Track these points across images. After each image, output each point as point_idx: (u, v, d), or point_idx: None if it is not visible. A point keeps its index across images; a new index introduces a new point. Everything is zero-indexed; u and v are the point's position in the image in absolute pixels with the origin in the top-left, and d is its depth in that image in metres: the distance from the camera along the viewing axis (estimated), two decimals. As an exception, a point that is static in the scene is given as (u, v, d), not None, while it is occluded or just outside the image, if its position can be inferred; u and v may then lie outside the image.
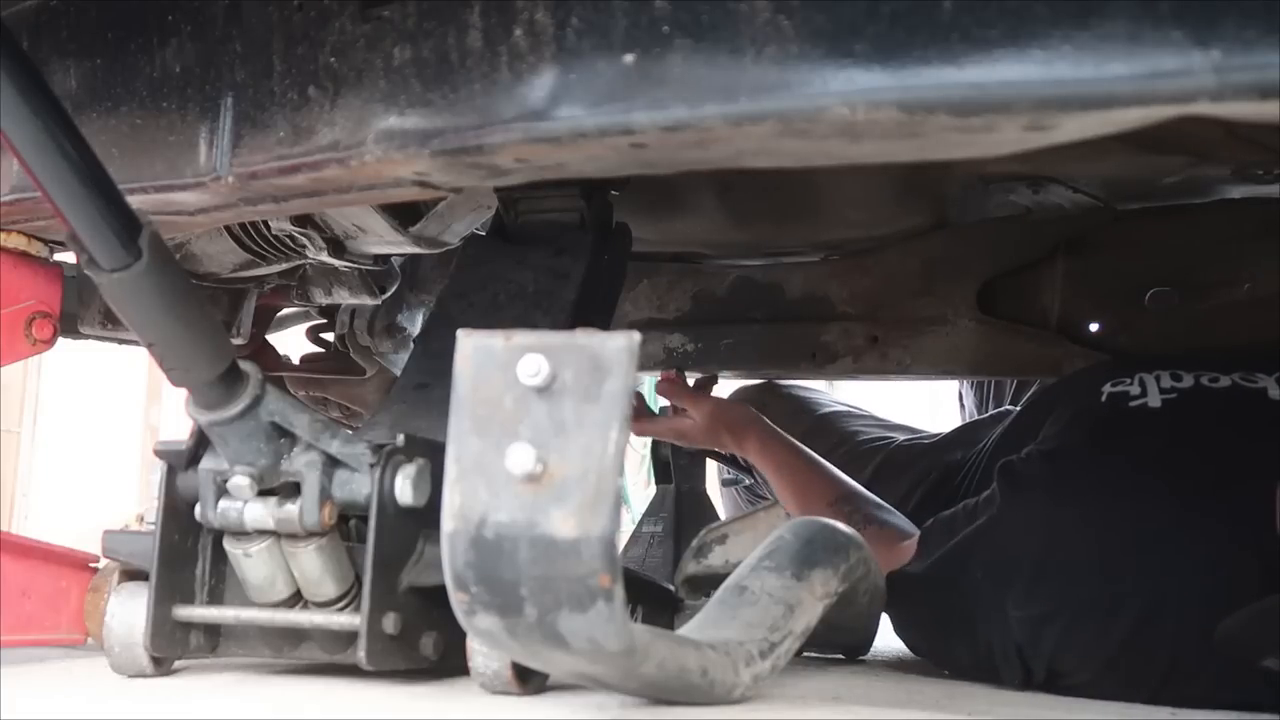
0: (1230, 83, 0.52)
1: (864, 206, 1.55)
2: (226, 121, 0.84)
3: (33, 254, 1.12)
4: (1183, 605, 0.99)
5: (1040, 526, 1.07)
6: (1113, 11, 0.54)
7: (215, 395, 0.77)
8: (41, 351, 1.13)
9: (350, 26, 0.78)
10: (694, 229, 1.62)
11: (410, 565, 0.82)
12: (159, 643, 0.84)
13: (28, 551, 1.02)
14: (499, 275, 1.16)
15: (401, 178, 0.79)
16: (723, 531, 1.14)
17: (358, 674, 0.84)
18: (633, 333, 0.59)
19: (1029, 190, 1.43)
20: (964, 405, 2.36)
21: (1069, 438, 1.17)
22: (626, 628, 0.62)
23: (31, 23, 0.95)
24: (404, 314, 1.76)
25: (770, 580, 0.90)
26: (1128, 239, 1.51)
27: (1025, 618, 1.06)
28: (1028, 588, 1.06)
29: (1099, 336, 1.54)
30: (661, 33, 0.65)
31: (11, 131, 0.66)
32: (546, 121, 0.69)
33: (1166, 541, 1.01)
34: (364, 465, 0.80)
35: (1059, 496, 1.08)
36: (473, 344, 0.61)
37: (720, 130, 0.64)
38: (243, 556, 0.83)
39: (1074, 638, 1.04)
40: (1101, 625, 1.02)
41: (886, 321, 1.65)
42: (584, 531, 0.58)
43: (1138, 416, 1.12)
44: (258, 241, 1.28)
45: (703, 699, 0.77)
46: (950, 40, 0.57)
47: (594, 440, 0.58)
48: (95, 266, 0.70)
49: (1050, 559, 1.05)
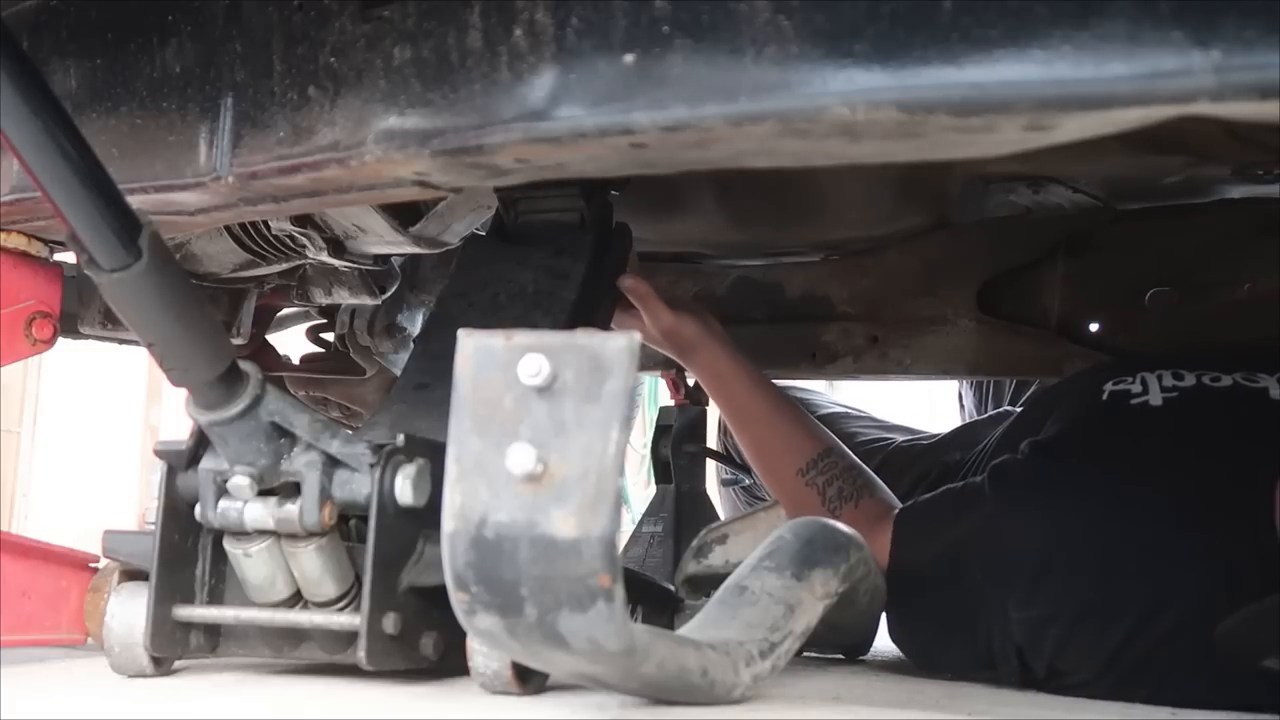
0: (1230, 83, 0.52)
1: (864, 206, 1.55)
2: (226, 121, 0.84)
3: (33, 254, 1.11)
4: (1182, 605, 0.99)
5: (1041, 526, 1.07)
6: (1113, 11, 0.54)
7: (215, 395, 0.77)
8: (41, 351, 1.13)
9: (350, 26, 0.78)
10: (694, 229, 1.62)
11: (410, 565, 0.82)
12: (159, 643, 0.84)
13: (28, 551, 1.02)
14: (499, 275, 1.16)
15: (401, 178, 0.79)
16: (723, 531, 1.13)
17: (358, 674, 0.84)
18: (633, 333, 0.59)
19: (1029, 190, 1.43)
20: (964, 405, 2.36)
21: (1069, 435, 1.17)
22: (626, 628, 0.62)
23: (31, 23, 0.95)
24: (404, 314, 1.76)
25: (770, 580, 0.90)
26: (1128, 239, 1.51)
27: (1026, 619, 1.06)
28: (1029, 589, 1.06)
29: (1099, 336, 1.54)
30: (661, 33, 0.65)
31: (11, 131, 0.65)
32: (546, 121, 0.69)
33: (1167, 540, 1.01)
34: (364, 465, 0.80)
35: (1059, 495, 1.08)
36: (473, 344, 0.61)
37: (720, 130, 0.64)
38: (243, 556, 0.83)
39: (1075, 638, 1.04)
40: (1102, 625, 1.02)
41: (886, 321, 1.65)
42: (584, 531, 0.58)
43: (1138, 414, 1.12)
44: (258, 241, 1.28)
45: (703, 699, 0.77)
46: (950, 40, 0.57)
47: (594, 440, 0.58)
48: (95, 266, 0.70)
49: (1051, 559, 1.05)
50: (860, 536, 1.02)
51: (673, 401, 1.81)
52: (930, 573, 1.14)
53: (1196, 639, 0.96)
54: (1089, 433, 1.15)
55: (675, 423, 1.73)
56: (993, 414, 2.01)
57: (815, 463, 1.32)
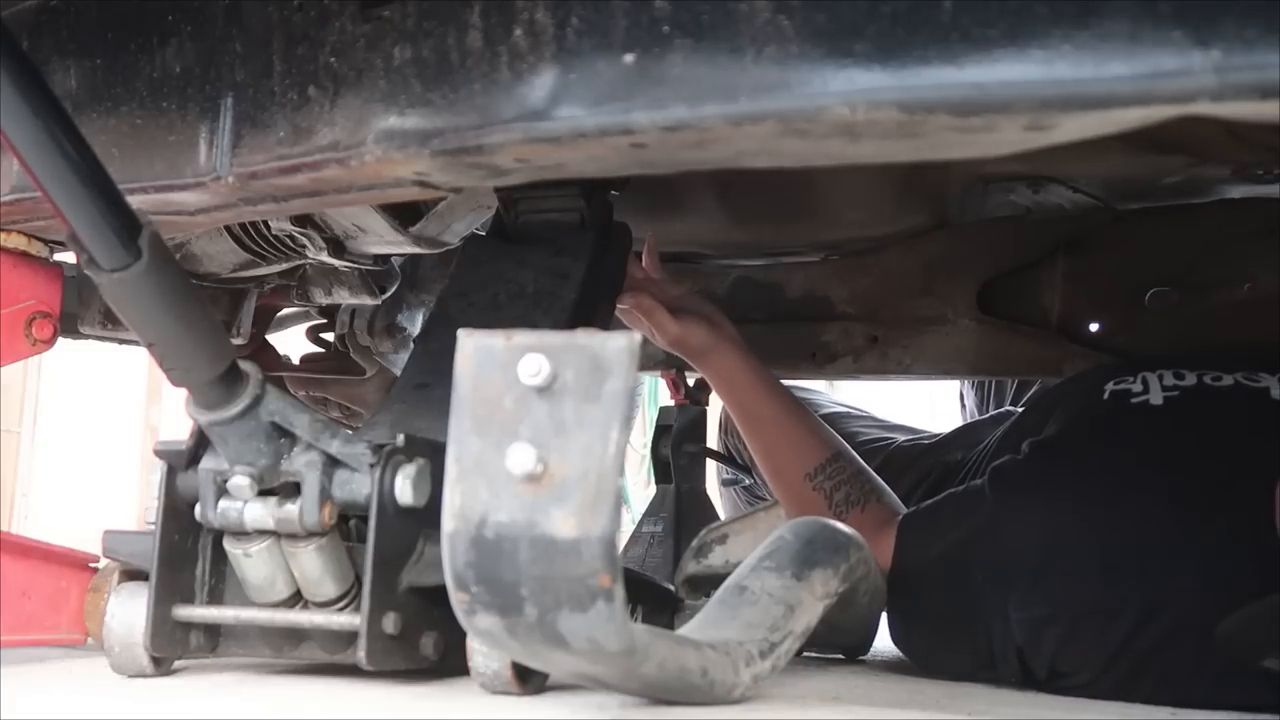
0: (1230, 83, 0.52)
1: (864, 206, 1.55)
2: (226, 121, 0.84)
3: (33, 254, 1.11)
4: (1182, 605, 0.99)
5: (1041, 526, 1.07)
6: (1113, 11, 0.54)
7: (215, 395, 0.77)
8: (41, 351, 1.13)
9: (350, 26, 0.78)
10: (694, 229, 1.62)
11: (410, 565, 0.82)
12: (159, 643, 0.84)
13: (28, 551, 1.02)
14: (499, 275, 1.16)
15: (401, 178, 0.79)
16: (723, 531, 1.14)
17: (358, 674, 0.84)
18: (633, 333, 0.59)
19: (1029, 190, 1.43)
20: (965, 405, 2.36)
21: (1069, 434, 1.17)
22: (626, 628, 0.62)
23: (31, 23, 0.95)
24: (404, 314, 1.76)
25: (770, 580, 0.90)
26: (1128, 239, 1.51)
27: (1026, 619, 1.06)
28: (1028, 589, 1.06)
29: (1099, 336, 1.54)
30: (661, 33, 0.65)
31: (11, 131, 0.65)
32: (546, 121, 0.69)
33: (1167, 540, 1.01)
34: (364, 465, 0.80)
35: (1058, 495, 1.08)
36: (473, 344, 0.61)
37: (720, 130, 0.64)
38: (243, 556, 0.83)
39: (1075, 639, 1.04)
40: (1102, 626, 1.02)
41: (886, 321, 1.65)
42: (584, 531, 0.58)
43: (1139, 413, 1.12)
44: (258, 241, 1.28)
45: (703, 699, 0.77)
46: (950, 40, 0.57)
47: (594, 440, 0.58)
48: (95, 266, 0.70)
49: (1051, 560, 1.05)
50: (861, 537, 1.02)
51: (673, 401, 1.81)
52: (931, 574, 1.14)
53: (1196, 639, 0.96)
54: (1089, 432, 1.15)
55: (675, 423, 1.73)
56: (994, 414, 2.01)
57: (824, 467, 1.31)
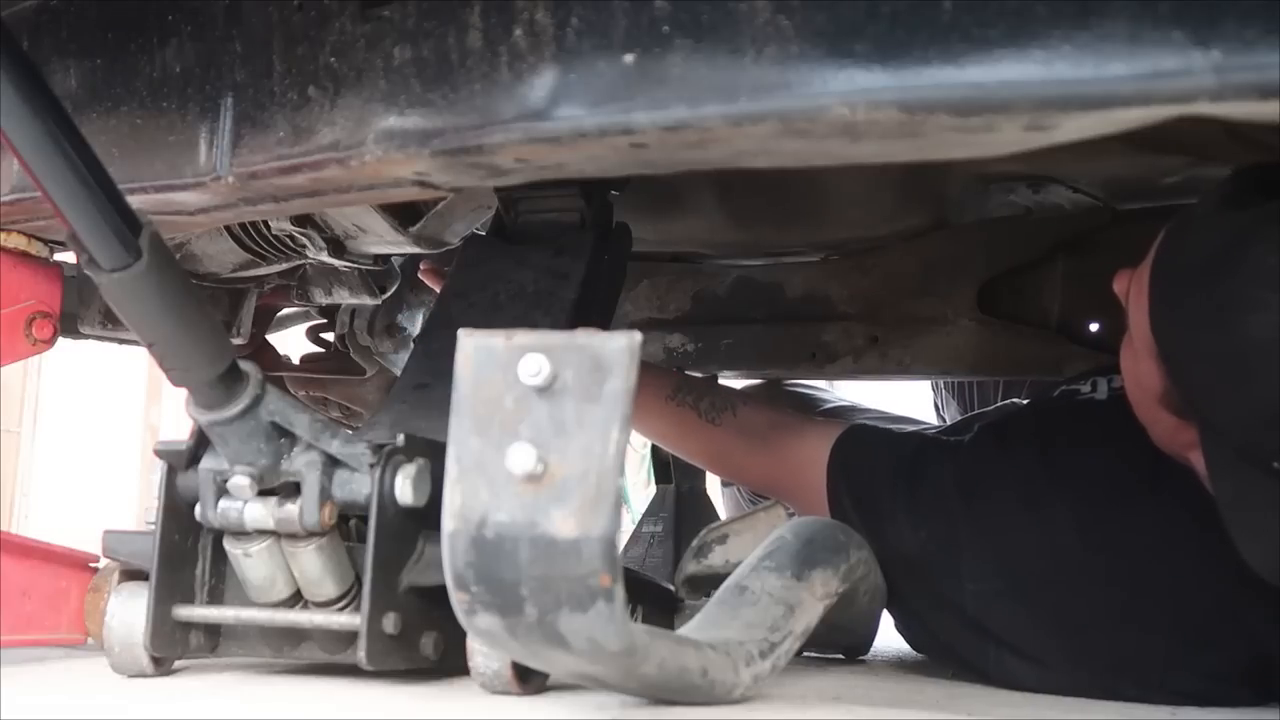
0: (1230, 83, 0.52)
1: (864, 206, 1.55)
2: (226, 121, 0.84)
3: (33, 254, 1.11)
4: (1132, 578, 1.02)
5: (980, 508, 1.10)
6: (1113, 11, 0.54)
7: (215, 395, 0.77)
8: (41, 351, 1.13)
9: (350, 26, 0.78)
10: (694, 229, 1.62)
11: (410, 565, 0.82)
12: (159, 643, 0.84)
13: (28, 551, 1.02)
14: (499, 275, 1.16)
15: (401, 178, 0.79)
16: (723, 531, 1.14)
17: (358, 674, 0.84)
18: (634, 333, 0.59)
19: (1029, 190, 1.43)
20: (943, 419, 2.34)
21: (1015, 420, 1.23)
22: (626, 628, 0.62)
23: (31, 23, 0.95)
24: (404, 314, 1.76)
25: (770, 580, 0.90)
26: (1128, 239, 1.51)
27: (978, 591, 1.09)
28: (973, 566, 1.09)
29: (1099, 336, 1.54)
30: (661, 33, 0.65)
31: (11, 131, 0.65)
32: (546, 121, 0.69)
33: (1100, 513, 1.04)
34: (364, 465, 0.80)
35: (998, 473, 1.12)
36: (473, 344, 0.61)
37: (720, 130, 0.64)
38: (243, 556, 0.83)
39: (1021, 615, 1.06)
40: (1054, 601, 1.05)
41: (886, 321, 1.65)
42: (584, 531, 0.58)
43: (1080, 405, 1.16)
44: (258, 241, 1.28)
45: (703, 699, 0.77)
46: (950, 40, 0.57)
47: (594, 440, 0.58)
48: (95, 266, 0.70)
49: (990, 540, 1.09)
50: (860, 536, 1.02)
51: (673, 401, 1.80)
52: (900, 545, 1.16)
53: (1146, 612, 1.00)
54: (1035, 421, 1.20)
55: (675, 423, 1.72)
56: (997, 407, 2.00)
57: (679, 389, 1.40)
